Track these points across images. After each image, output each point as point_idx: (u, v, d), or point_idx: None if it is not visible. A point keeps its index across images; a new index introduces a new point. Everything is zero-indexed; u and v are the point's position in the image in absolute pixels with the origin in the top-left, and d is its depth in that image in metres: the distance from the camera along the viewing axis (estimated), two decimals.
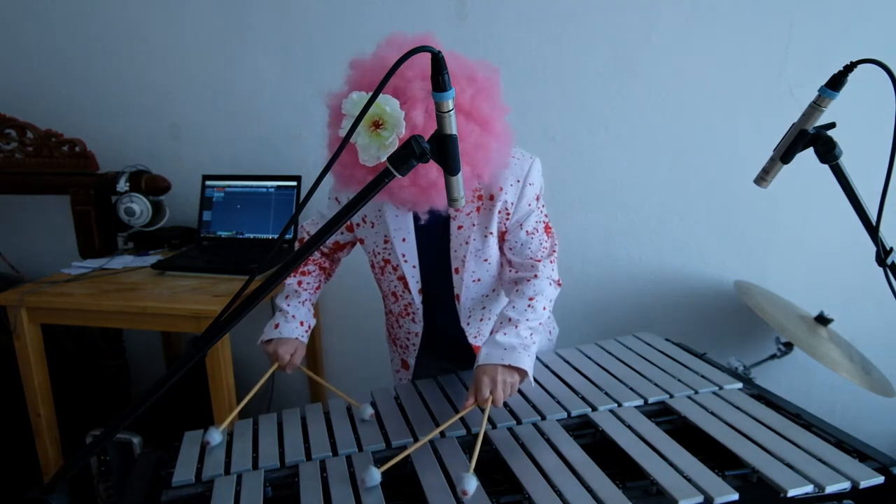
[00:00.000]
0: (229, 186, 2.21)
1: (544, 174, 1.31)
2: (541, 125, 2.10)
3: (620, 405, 1.26)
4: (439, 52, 0.81)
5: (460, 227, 1.28)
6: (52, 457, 1.91)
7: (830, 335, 1.86)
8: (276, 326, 1.32)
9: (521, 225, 1.29)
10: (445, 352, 1.50)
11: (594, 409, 1.25)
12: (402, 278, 1.35)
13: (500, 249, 1.34)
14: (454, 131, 0.87)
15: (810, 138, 1.02)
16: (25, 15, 2.32)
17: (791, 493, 0.97)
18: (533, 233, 1.30)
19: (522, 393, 1.31)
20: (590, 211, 2.15)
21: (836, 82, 0.98)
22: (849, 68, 0.95)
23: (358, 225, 1.36)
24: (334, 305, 2.38)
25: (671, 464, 1.04)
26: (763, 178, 1.11)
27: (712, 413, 1.22)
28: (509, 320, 1.22)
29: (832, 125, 1.02)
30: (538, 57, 2.05)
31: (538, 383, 1.35)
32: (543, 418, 1.22)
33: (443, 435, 1.17)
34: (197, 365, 0.90)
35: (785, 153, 1.05)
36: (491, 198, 1.26)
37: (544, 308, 1.26)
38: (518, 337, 1.19)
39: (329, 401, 1.34)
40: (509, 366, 1.15)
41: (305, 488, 1.04)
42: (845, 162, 1.00)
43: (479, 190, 1.26)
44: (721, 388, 1.32)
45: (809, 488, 0.98)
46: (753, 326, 2.14)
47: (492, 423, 1.20)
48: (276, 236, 2.14)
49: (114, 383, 2.26)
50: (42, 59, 2.36)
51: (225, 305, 0.85)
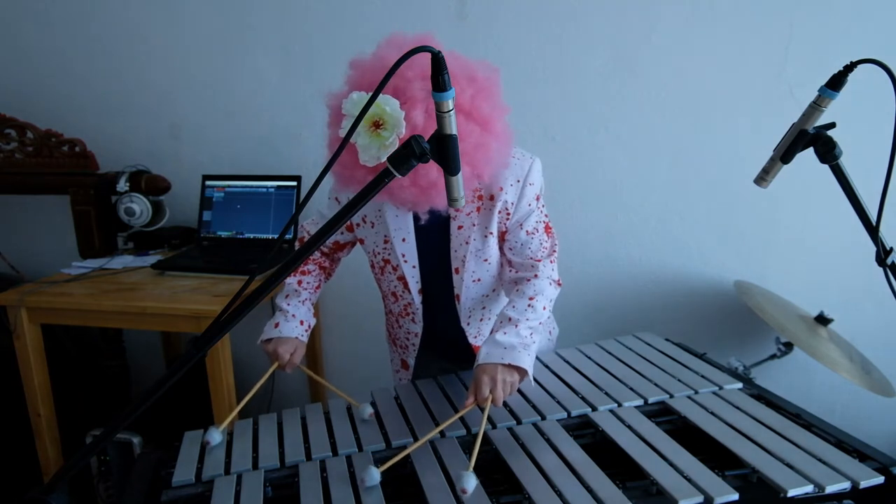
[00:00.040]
0: (229, 186, 2.21)
1: (544, 174, 1.31)
2: (541, 125, 2.10)
3: (620, 405, 1.26)
4: (439, 52, 0.81)
5: (460, 227, 1.28)
6: (52, 457, 1.91)
7: (830, 335, 1.86)
8: (276, 326, 1.32)
9: (522, 225, 1.29)
10: (445, 352, 1.50)
11: (594, 409, 1.25)
12: (402, 278, 1.35)
13: (500, 249, 1.34)
14: (454, 131, 0.87)
15: (810, 138, 1.02)
16: (25, 15, 2.32)
17: (791, 493, 0.97)
18: (533, 233, 1.30)
19: (522, 393, 1.31)
20: (590, 211, 2.15)
21: (836, 82, 0.98)
22: (849, 68, 0.95)
23: (358, 225, 1.36)
24: (334, 305, 2.38)
25: (671, 464, 1.04)
26: (763, 178, 1.11)
27: (712, 413, 1.22)
28: (509, 320, 1.22)
29: (832, 125, 1.02)
30: (538, 57, 2.05)
31: (538, 383, 1.35)
32: (543, 418, 1.22)
33: (443, 435, 1.17)
34: (197, 365, 0.90)
35: (785, 153, 1.05)
36: (491, 198, 1.26)
37: (544, 308, 1.26)
38: (518, 336, 1.19)
39: (329, 401, 1.34)
40: (509, 365, 1.15)
41: (305, 488, 1.04)
42: (845, 162, 1.00)
43: (480, 190, 1.26)
44: (721, 388, 1.32)
45: (809, 488, 0.98)
46: (753, 326, 2.14)
47: (492, 423, 1.20)
48: (276, 236, 2.14)
49: (114, 383, 2.26)
50: (42, 59, 2.36)
51: (225, 305, 0.85)
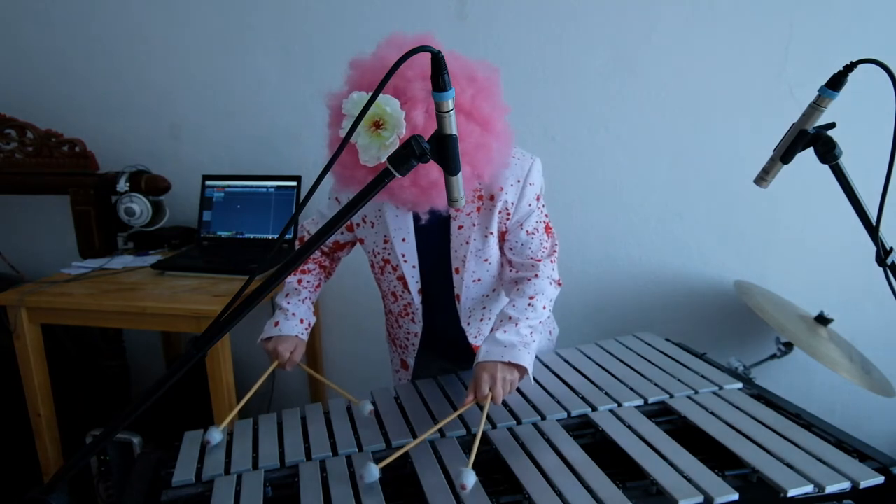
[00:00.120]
0: (229, 186, 2.21)
1: (544, 174, 1.31)
2: (541, 125, 2.10)
3: (620, 405, 1.26)
4: (439, 52, 0.81)
5: (461, 227, 1.28)
6: (52, 457, 1.91)
7: (830, 335, 1.86)
8: (276, 324, 1.32)
9: (522, 225, 1.29)
10: (445, 352, 1.50)
11: (594, 409, 1.25)
12: (402, 278, 1.35)
13: (501, 249, 1.34)
14: (454, 131, 0.87)
15: (810, 138, 1.02)
16: (25, 15, 2.32)
17: (791, 493, 0.97)
18: (533, 233, 1.30)
19: (522, 393, 1.31)
20: (590, 211, 2.15)
21: (836, 82, 0.98)
22: (849, 68, 0.95)
23: (358, 225, 1.36)
24: (334, 305, 2.38)
25: (671, 464, 1.04)
26: (763, 178, 1.11)
27: (712, 413, 1.22)
28: (509, 318, 1.22)
29: (832, 125, 1.02)
30: (538, 57, 2.05)
31: (538, 383, 1.35)
32: (543, 418, 1.22)
33: (443, 434, 1.17)
34: (197, 365, 0.90)
35: (785, 153, 1.05)
36: (491, 198, 1.26)
37: (544, 307, 1.26)
38: (518, 335, 1.19)
39: (329, 401, 1.34)
40: (509, 363, 1.15)
41: (305, 488, 1.04)
42: (845, 162, 1.00)
43: (480, 190, 1.26)
44: (721, 388, 1.32)
45: (809, 488, 0.98)
46: (753, 326, 2.14)
47: (492, 423, 1.20)
48: (276, 236, 2.14)
49: (114, 383, 2.26)
50: (42, 59, 2.36)
51: (225, 305, 0.85)
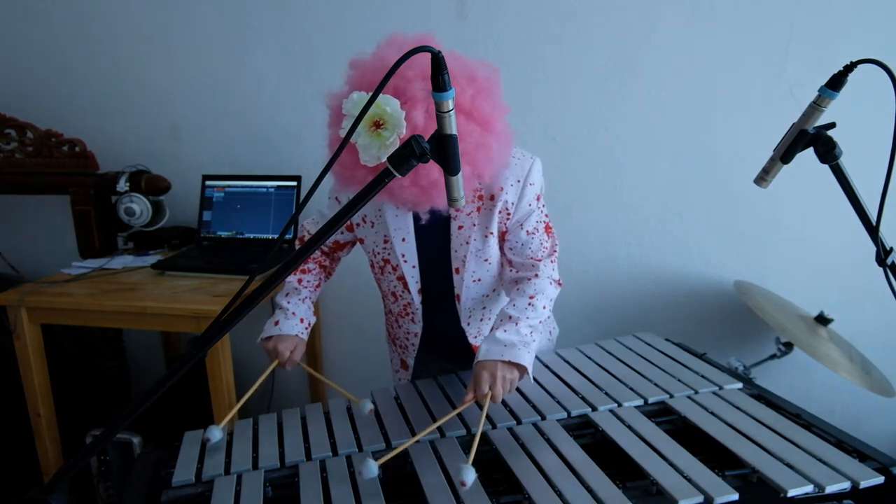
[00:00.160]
0: (229, 186, 2.21)
1: (544, 174, 1.31)
2: (541, 125, 2.10)
3: (620, 405, 1.26)
4: (439, 52, 0.81)
5: (461, 227, 1.28)
6: (52, 457, 1.91)
7: (830, 335, 1.86)
8: (276, 323, 1.32)
9: (522, 225, 1.29)
10: (445, 352, 1.50)
11: (594, 409, 1.25)
12: (402, 278, 1.35)
13: (501, 249, 1.34)
14: (454, 131, 0.87)
15: (810, 138, 1.02)
16: (25, 15, 2.32)
17: (791, 493, 0.97)
18: (533, 233, 1.30)
19: (522, 393, 1.31)
20: (590, 211, 2.15)
21: (836, 82, 0.98)
22: (849, 68, 0.95)
23: (358, 225, 1.36)
24: (334, 305, 2.38)
25: (671, 464, 1.04)
26: (763, 178, 1.11)
27: (712, 413, 1.22)
28: (510, 318, 1.22)
29: (832, 125, 1.02)
30: (538, 57, 2.05)
31: (538, 383, 1.35)
32: (543, 418, 1.22)
33: (443, 434, 1.17)
34: (197, 365, 0.90)
35: (785, 153, 1.05)
36: (491, 198, 1.26)
37: (544, 307, 1.26)
38: (518, 334, 1.19)
39: (329, 400, 1.34)
40: (509, 362, 1.15)
41: (305, 488, 1.04)
42: (845, 162, 1.00)
43: (480, 190, 1.26)
44: (721, 388, 1.32)
45: (809, 488, 0.98)
46: (753, 326, 2.14)
47: (492, 423, 1.20)
48: (276, 236, 2.14)
49: (114, 383, 2.26)
50: (42, 59, 2.36)
51: (225, 305, 0.85)
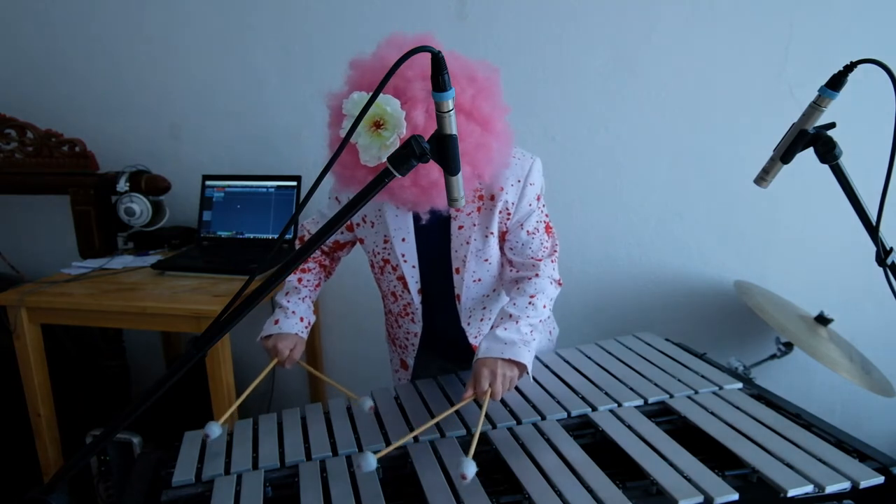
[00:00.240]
0: (229, 186, 2.21)
1: (544, 174, 1.31)
2: (541, 125, 2.10)
3: (620, 405, 1.26)
4: (439, 52, 0.81)
5: (461, 228, 1.28)
6: (52, 457, 1.91)
7: (830, 335, 1.86)
8: (276, 322, 1.32)
9: (522, 225, 1.29)
10: (445, 352, 1.50)
11: (594, 409, 1.25)
12: (402, 278, 1.35)
13: (501, 249, 1.34)
14: (454, 131, 0.87)
15: (810, 138, 1.02)
16: (25, 15, 2.32)
17: (791, 493, 0.97)
18: (534, 233, 1.30)
19: (522, 393, 1.31)
20: (590, 211, 2.15)
21: (836, 82, 0.98)
22: (849, 68, 0.95)
23: (358, 225, 1.36)
24: (334, 305, 2.38)
25: (671, 464, 1.04)
26: (763, 178, 1.11)
27: (712, 413, 1.22)
28: (510, 316, 1.22)
29: (832, 125, 1.02)
30: (538, 57, 2.05)
31: (538, 383, 1.35)
32: (543, 418, 1.22)
33: (443, 435, 1.17)
34: (197, 365, 0.90)
35: (785, 153, 1.05)
36: (492, 198, 1.26)
37: (545, 306, 1.26)
38: (518, 333, 1.19)
39: (329, 400, 1.34)
40: (509, 360, 1.15)
41: (305, 488, 1.04)
42: (845, 162, 1.00)
43: (480, 190, 1.26)
44: (721, 388, 1.32)
45: (809, 488, 0.98)
46: (753, 326, 2.14)
47: (491, 423, 1.20)
48: (276, 236, 2.14)
49: (114, 383, 2.26)
50: (42, 59, 2.36)
51: (225, 305, 0.85)
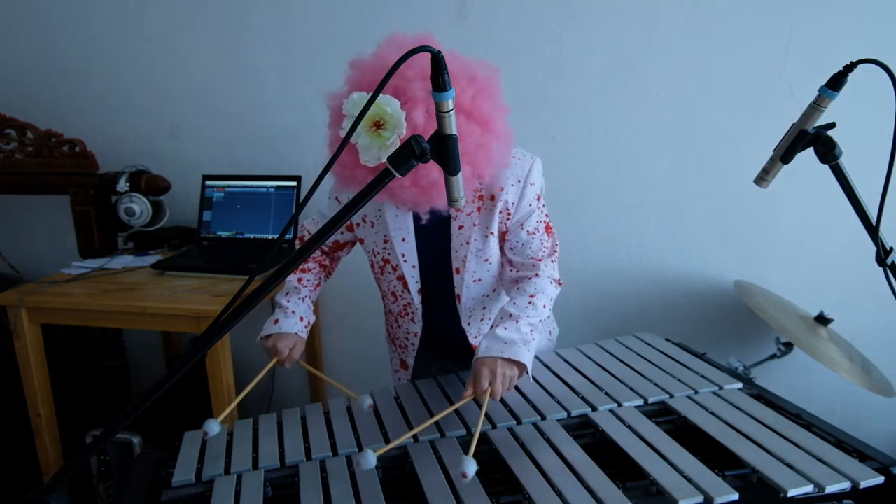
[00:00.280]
0: (229, 186, 2.21)
1: (544, 174, 1.31)
2: (541, 125, 2.10)
3: (620, 405, 1.26)
4: (439, 52, 0.81)
5: (461, 228, 1.28)
6: (52, 457, 1.91)
7: (830, 335, 1.86)
8: (276, 322, 1.32)
9: (522, 225, 1.29)
10: (445, 352, 1.50)
11: (594, 409, 1.25)
12: (402, 278, 1.35)
13: (501, 249, 1.34)
14: (454, 131, 0.87)
15: (810, 138, 1.02)
16: (25, 15, 2.32)
17: (791, 493, 0.97)
18: (534, 233, 1.30)
19: (522, 393, 1.31)
20: (590, 211, 2.15)
21: (836, 82, 0.98)
22: (849, 68, 0.95)
23: (358, 225, 1.36)
24: (334, 305, 2.38)
25: (671, 464, 1.04)
26: (763, 178, 1.11)
27: (712, 413, 1.22)
28: (510, 316, 1.22)
29: (832, 125, 1.02)
30: (538, 57, 2.05)
31: (538, 383, 1.35)
32: (543, 418, 1.22)
33: (443, 435, 1.17)
34: (197, 365, 0.90)
35: (785, 153, 1.05)
36: (492, 198, 1.26)
37: (545, 306, 1.26)
38: (518, 332, 1.19)
39: (329, 400, 1.34)
40: (509, 359, 1.15)
41: (305, 488, 1.04)
42: (845, 162, 1.00)
43: (480, 190, 1.26)
44: (721, 388, 1.32)
45: (809, 488, 0.98)
46: (753, 326, 2.14)
47: (491, 423, 1.20)
48: (276, 236, 2.14)
49: (114, 383, 2.26)
50: (42, 59, 2.36)
51: (225, 305, 0.85)
